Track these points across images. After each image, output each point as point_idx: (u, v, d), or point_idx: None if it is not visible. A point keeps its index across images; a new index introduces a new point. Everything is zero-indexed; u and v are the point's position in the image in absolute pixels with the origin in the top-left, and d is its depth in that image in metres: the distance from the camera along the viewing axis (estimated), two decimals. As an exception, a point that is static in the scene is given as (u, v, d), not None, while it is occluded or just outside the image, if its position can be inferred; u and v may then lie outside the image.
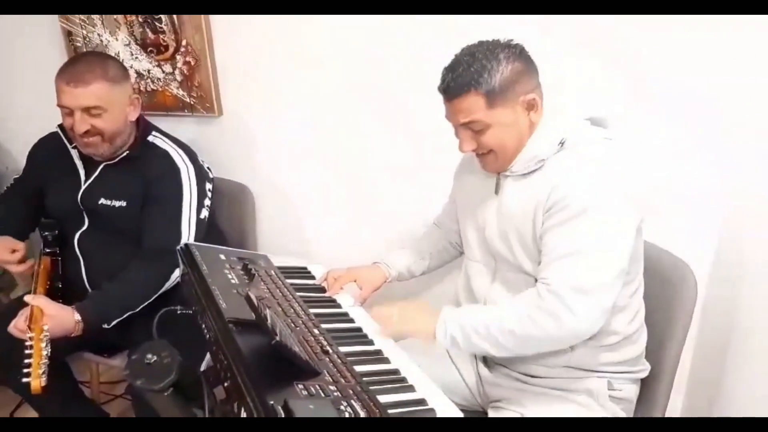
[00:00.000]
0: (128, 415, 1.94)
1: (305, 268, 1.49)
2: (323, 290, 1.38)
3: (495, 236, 1.18)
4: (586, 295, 1.01)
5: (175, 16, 1.72)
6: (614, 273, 1.04)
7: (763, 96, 1.24)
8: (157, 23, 1.76)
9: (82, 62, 1.47)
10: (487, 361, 1.27)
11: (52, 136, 1.65)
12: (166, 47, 1.78)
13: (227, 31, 1.72)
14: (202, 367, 1.16)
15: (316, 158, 1.77)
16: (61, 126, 1.60)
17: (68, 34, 1.92)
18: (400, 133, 1.62)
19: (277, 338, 0.88)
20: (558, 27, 1.09)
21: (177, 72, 1.80)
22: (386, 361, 1.10)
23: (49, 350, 1.28)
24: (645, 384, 1.23)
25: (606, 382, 1.16)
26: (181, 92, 1.82)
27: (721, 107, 1.29)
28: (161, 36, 1.77)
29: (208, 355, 1.17)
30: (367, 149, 1.69)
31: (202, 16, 1.68)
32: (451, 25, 1.42)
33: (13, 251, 1.59)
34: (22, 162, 1.74)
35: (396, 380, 1.03)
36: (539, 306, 1.04)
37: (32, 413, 1.73)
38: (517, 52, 1.08)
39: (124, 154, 1.53)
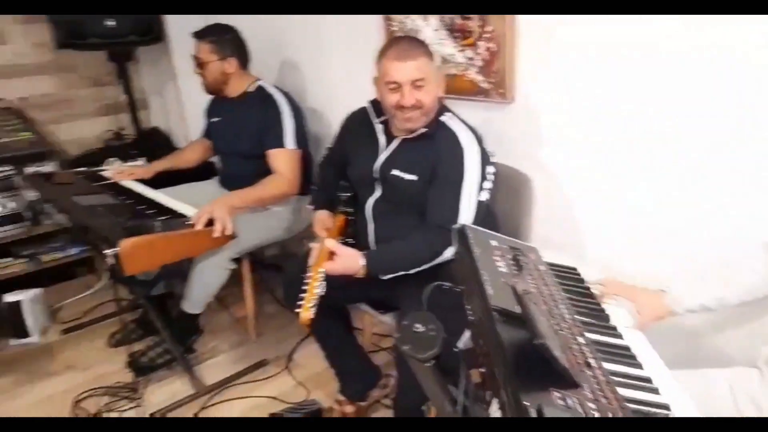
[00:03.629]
0: (389, 368, 2.14)
1: (575, 269, 1.42)
2: (592, 296, 1.30)
3: None
4: None
5: None
6: None
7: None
8: (466, 9, 1.83)
9: (404, 42, 1.63)
10: None
11: (361, 110, 1.85)
12: (471, 33, 1.84)
13: (531, 19, 1.70)
14: (459, 344, 1.20)
15: (605, 155, 1.65)
16: (372, 102, 1.80)
17: (387, 18, 2.13)
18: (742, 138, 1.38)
19: (541, 340, 0.86)
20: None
21: (478, 57, 1.86)
22: (655, 391, 0.99)
23: (324, 290, 1.52)
24: None
25: None
26: (479, 77, 1.88)
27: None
28: (468, 22, 1.84)
29: (465, 335, 1.20)
30: (676, 148, 1.49)
31: None
32: None
33: (327, 229, 1.86)
34: (330, 131, 2.00)
35: (663, 416, 0.92)
36: None
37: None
38: None
39: (423, 130, 1.65)
